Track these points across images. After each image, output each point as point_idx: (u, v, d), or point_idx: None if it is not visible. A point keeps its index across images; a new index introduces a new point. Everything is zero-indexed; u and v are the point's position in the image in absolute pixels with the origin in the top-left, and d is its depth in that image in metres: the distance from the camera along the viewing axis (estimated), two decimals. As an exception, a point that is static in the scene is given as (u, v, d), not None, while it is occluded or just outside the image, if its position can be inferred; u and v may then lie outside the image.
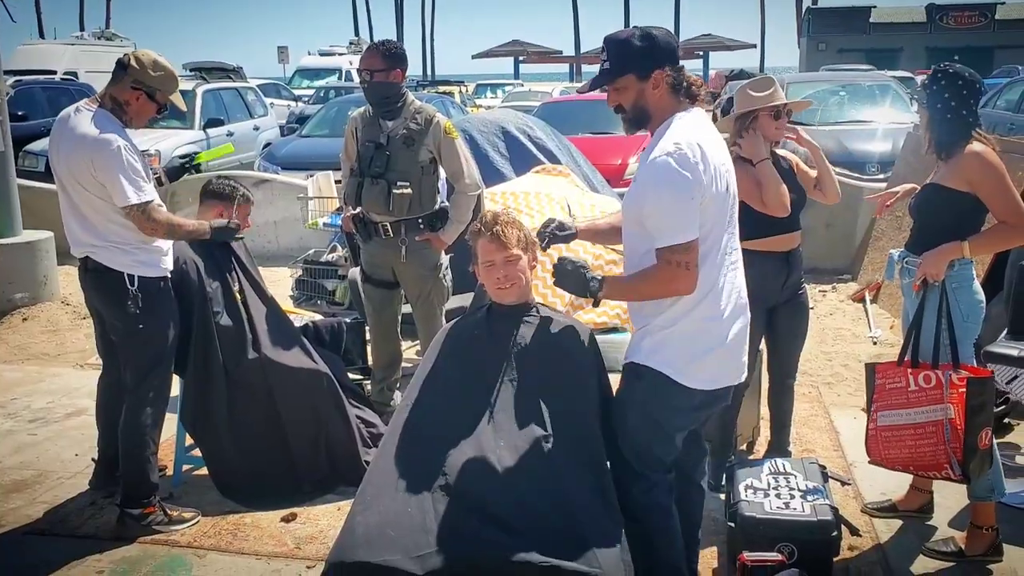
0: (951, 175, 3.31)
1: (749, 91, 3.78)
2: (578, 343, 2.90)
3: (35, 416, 5.07)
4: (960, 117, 3.30)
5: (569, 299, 5.85)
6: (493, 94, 28.99)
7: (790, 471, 3.60)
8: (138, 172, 3.62)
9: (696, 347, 2.64)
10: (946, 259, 3.26)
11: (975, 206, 3.28)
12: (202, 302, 3.95)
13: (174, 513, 3.78)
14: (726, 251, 2.67)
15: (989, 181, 3.23)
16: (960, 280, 3.35)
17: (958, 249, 3.24)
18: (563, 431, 2.69)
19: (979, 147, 3.27)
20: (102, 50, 22.01)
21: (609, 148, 10.31)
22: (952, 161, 3.30)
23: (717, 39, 55.66)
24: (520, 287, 2.88)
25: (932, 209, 3.37)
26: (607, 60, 2.68)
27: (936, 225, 3.32)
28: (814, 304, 7.27)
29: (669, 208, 2.49)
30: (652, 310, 2.66)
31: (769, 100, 3.72)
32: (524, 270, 2.89)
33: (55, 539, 3.68)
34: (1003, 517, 3.62)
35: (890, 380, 3.37)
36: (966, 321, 3.35)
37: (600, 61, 2.75)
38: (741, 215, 3.69)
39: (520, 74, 51.91)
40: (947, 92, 3.32)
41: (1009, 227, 3.24)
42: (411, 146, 4.37)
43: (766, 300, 3.81)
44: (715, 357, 2.67)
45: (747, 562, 3.19)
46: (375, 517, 2.50)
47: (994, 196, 3.24)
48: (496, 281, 2.86)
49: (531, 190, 6.34)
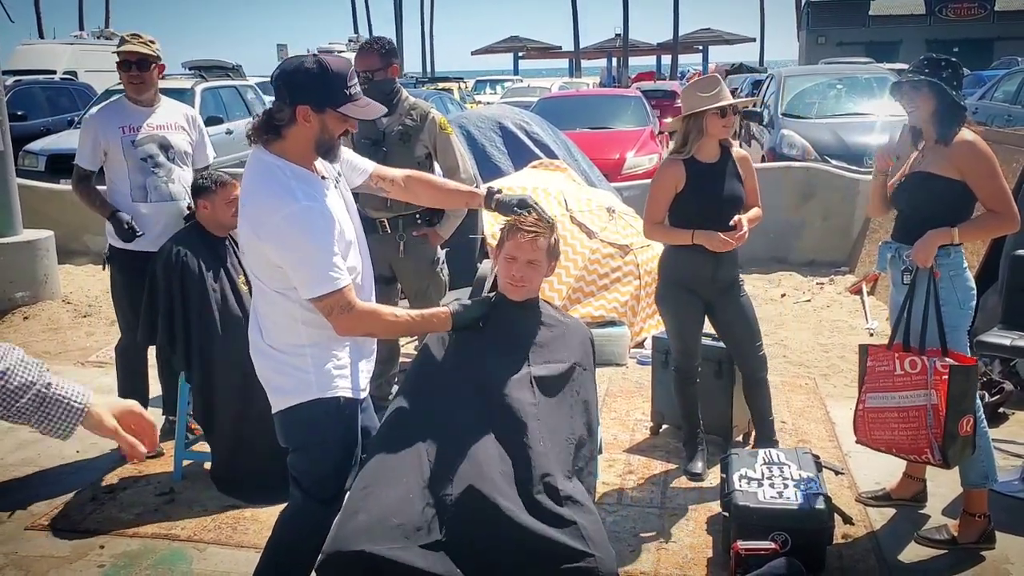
0: (942, 162, 3.32)
1: (696, 92, 3.88)
2: (576, 339, 2.94)
3: (37, 413, 5.10)
4: (955, 102, 3.30)
5: (567, 292, 5.90)
6: (492, 90, 29.03)
7: (784, 461, 3.63)
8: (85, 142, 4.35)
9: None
10: (936, 245, 3.28)
11: (964, 194, 3.30)
12: (201, 295, 3.98)
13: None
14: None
15: (981, 169, 3.26)
16: (956, 267, 3.37)
17: (948, 235, 3.27)
18: (558, 421, 2.72)
19: (971, 135, 3.30)
20: (101, 49, 22.04)
21: (607, 143, 10.35)
22: (943, 149, 3.32)
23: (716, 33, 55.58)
24: (530, 289, 2.92)
25: (922, 197, 3.39)
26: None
27: (925, 213, 3.34)
28: (811, 297, 7.32)
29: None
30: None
31: (715, 100, 3.83)
32: (540, 275, 2.92)
33: (56, 534, 3.72)
34: (997, 505, 3.66)
35: (880, 363, 3.40)
36: (963, 307, 3.37)
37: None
38: (676, 209, 3.96)
39: (520, 70, 51.91)
40: (944, 73, 3.31)
41: (998, 215, 3.27)
42: (407, 142, 4.39)
43: (698, 291, 4.04)
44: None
45: (740, 551, 3.24)
46: (376, 506, 2.50)
47: (985, 184, 3.26)
48: (511, 277, 2.89)
49: (528, 185, 6.38)
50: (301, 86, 2.55)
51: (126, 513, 3.87)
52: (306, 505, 2.71)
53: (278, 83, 2.59)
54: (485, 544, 2.46)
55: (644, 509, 3.87)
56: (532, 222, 2.87)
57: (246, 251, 2.67)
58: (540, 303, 2.99)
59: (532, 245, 2.85)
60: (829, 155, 9.46)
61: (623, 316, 5.94)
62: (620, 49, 49.53)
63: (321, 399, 2.66)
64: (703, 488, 4.05)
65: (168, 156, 4.45)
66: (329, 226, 2.57)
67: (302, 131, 2.58)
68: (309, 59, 2.58)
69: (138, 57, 4.38)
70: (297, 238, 2.51)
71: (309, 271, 2.53)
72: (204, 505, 3.93)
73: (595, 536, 2.45)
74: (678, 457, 4.35)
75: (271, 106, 2.63)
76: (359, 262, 2.74)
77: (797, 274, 8.00)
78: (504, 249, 2.89)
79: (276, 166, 2.59)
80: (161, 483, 4.15)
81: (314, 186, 2.61)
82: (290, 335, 2.66)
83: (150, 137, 4.41)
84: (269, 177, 2.58)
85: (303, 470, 2.73)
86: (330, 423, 2.69)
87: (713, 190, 3.95)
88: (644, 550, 3.55)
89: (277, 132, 2.59)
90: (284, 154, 2.60)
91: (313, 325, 2.64)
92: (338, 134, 2.63)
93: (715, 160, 3.98)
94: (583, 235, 6.11)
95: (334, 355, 2.69)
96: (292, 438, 2.72)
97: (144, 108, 4.45)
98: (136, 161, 4.38)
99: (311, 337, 2.66)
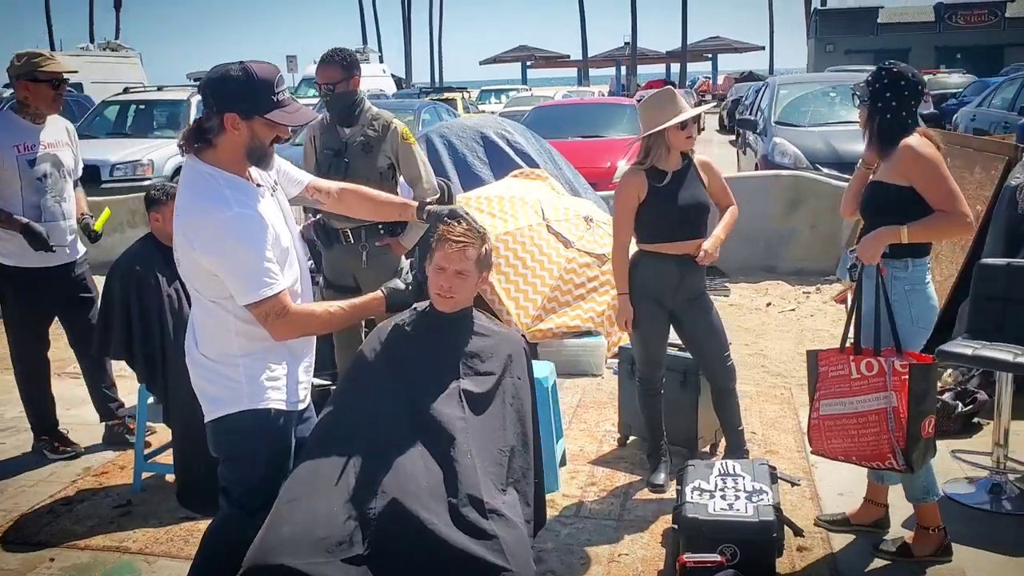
0: (889, 170, 3.33)
1: (653, 110, 3.90)
2: (509, 349, 2.90)
3: (7, 426, 5.12)
4: (900, 118, 3.31)
5: (542, 302, 5.87)
6: (497, 99, 29.09)
7: (739, 472, 3.58)
8: None
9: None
10: (882, 242, 3.25)
11: (915, 199, 3.26)
12: (160, 306, 3.98)
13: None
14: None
15: (921, 171, 3.24)
16: (913, 281, 3.33)
17: (895, 234, 3.23)
18: (488, 435, 2.69)
19: (913, 140, 3.28)
20: (108, 61, 22.21)
21: (598, 151, 10.33)
22: (889, 156, 3.31)
23: (725, 41, 55.59)
24: (459, 301, 2.88)
25: (874, 205, 3.37)
26: None
27: (880, 221, 3.31)
28: (796, 306, 7.26)
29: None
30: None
31: (673, 115, 3.84)
32: (470, 286, 2.89)
33: (7, 547, 3.71)
34: (962, 516, 3.61)
35: (833, 368, 3.34)
36: (915, 324, 3.33)
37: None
38: (641, 220, 3.97)
39: (528, 79, 52.03)
40: (889, 92, 3.33)
41: (946, 215, 3.24)
42: (369, 152, 4.38)
43: (661, 299, 4.03)
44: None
45: (687, 563, 3.19)
46: (300, 518, 2.49)
47: (929, 186, 3.24)
48: (439, 287, 2.86)
49: (505, 194, 6.37)
50: (228, 93, 2.54)
51: (80, 525, 3.86)
52: (232, 515, 2.70)
53: (205, 91, 2.58)
54: (407, 558, 2.44)
55: (601, 521, 3.83)
56: (461, 232, 2.84)
57: (181, 260, 2.66)
58: (473, 313, 2.96)
59: (461, 255, 2.83)
60: (821, 163, 9.41)
61: (599, 326, 5.90)
62: (628, 57, 49.62)
63: (251, 410, 2.65)
64: (663, 500, 4.00)
65: (61, 174, 4.43)
66: (263, 232, 2.55)
67: (231, 139, 2.57)
68: (235, 66, 2.57)
69: (66, 75, 4.39)
70: (230, 245, 2.50)
71: (243, 277, 2.52)
72: (160, 518, 3.92)
73: (516, 550, 2.42)
74: (643, 469, 4.31)
75: (200, 115, 2.63)
76: (296, 269, 2.73)
77: (785, 283, 7.94)
78: (433, 260, 2.87)
79: (208, 174, 2.58)
80: (120, 495, 4.14)
81: (248, 193, 2.60)
82: (223, 345, 2.65)
83: (45, 156, 4.36)
84: (201, 185, 2.57)
85: (231, 480, 2.71)
86: (260, 434, 2.67)
87: (677, 198, 3.94)
88: (595, 563, 3.50)
89: (208, 141, 2.59)
90: (217, 163, 2.59)
91: (247, 336, 2.62)
92: (269, 141, 2.62)
93: (678, 167, 3.97)
94: (559, 244, 6.08)
95: (268, 367, 2.68)
96: (222, 448, 2.71)
97: (36, 125, 4.38)
98: (31, 181, 4.31)
99: (244, 348, 2.64)
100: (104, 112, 14.23)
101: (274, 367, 2.68)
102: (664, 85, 40.45)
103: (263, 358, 2.67)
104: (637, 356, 4.20)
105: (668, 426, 4.27)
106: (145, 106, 13.95)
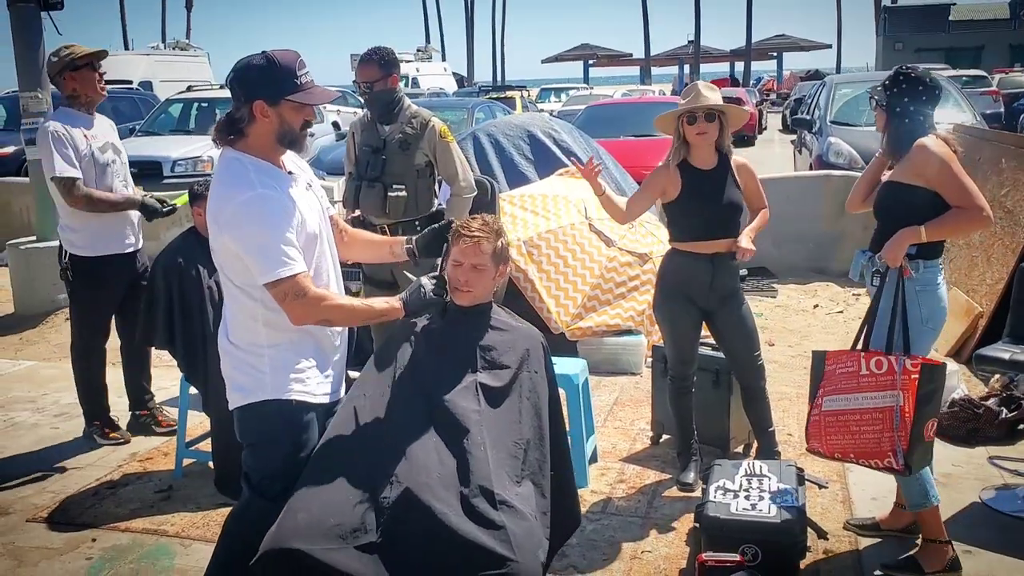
0: (902, 170, 3.31)
1: (679, 101, 3.98)
2: (526, 344, 2.94)
3: (61, 411, 5.31)
4: (917, 122, 3.30)
5: (582, 300, 5.89)
6: (557, 98, 29.06)
7: (766, 473, 3.58)
8: (67, 152, 4.31)
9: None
10: (903, 244, 3.23)
11: (930, 199, 3.24)
12: (201, 298, 4.09)
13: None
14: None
15: (935, 169, 3.23)
16: (924, 282, 3.30)
17: (915, 234, 3.21)
18: (503, 428, 2.73)
19: (929, 140, 3.26)
20: (176, 60, 22.75)
21: (648, 150, 10.30)
22: (903, 157, 3.30)
23: (791, 39, 54.68)
24: (476, 295, 2.93)
25: (888, 206, 3.36)
26: None
27: (895, 222, 3.28)
28: (844, 308, 7.16)
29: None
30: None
31: (685, 106, 3.88)
32: (487, 280, 2.94)
33: (53, 527, 3.86)
34: (988, 523, 3.54)
35: (841, 365, 3.31)
36: (924, 324, 3.30)
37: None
38: (673, 218, 4.03)
39: (590, 78, 51.86)
40: (907, 96, 3.32)
41: (963, 210, 3.22)
42: (407, 150, 4.45)
43: (694, 297, 4.03)
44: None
45: (706, 562, 3.20)
46: (317, 505, 2.55)
47: (944, 184, 3.23)
48: (457, 281, 2.92)
49: (548, 192, 6.40)
50: (253, 82, 2.62)
51: (122, 508, 4.00)
52: (253, 501, 2.78)
53: (232, 84, 2.66)
54: (417, 546, 2.49)
55: (627, 518, 3.85)
56: (476, 227, 2.89)
57: (213, 246, 2.73)
58: (493, 307, 3.01)
59: (476, 249, 2.87)
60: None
61: (639, 325, 5.90)
62: (692, 56, 49.12)
63: (274, 400, 2.72)
64: (691, 499, 3.99)
65: (121, 160, 4.66)
66: (285, 214, 2.61)
67: (262, 126, 2.65)
68: (257, 56, 2.66)
69: (98, 53, 4.54)
70: (251, 223, 2.57)
71: (261, 255, 2.58)
72: (198, 503, 4.04)
73: (523, 542, 2.46)
74: (674, 467, 4.30)
75: (230, 108, 2.71)
76: (328, 261, 2.80)
77: (835, 285, 7.83)
78: (450, 255, 2.92)
79: (236, 159, 2.67)
80: (162, 480, 4.28)
81: (275, 177, 2.67)
82: (250, 334, 2.73)
83: (106, 145, 4.57)
84: (228, 170, 2.67)
85: (253, 467, 2.80)
86: (281, 424, 2.74)
87: (708, 195, 3.96)
88: (618, 559, 3.52)
89: (240, 131, 2.67)
90: (248, 151, 2.67)
91: (274, 327, 2.70)
92: (299, 125, 2.69)
93: (711, 167, 3.97)
94: (601, 243, 6.09)
95: (293, 360, 2.74)
96: (245, 435, 2.80)
97: (91, 115, 4.59)
98: (103, 167, 4.52)
99: (271, 338, 2.72)
100: (168, 109, 14.59)
101: (300, 360, 2.75)
102: (728, 83, 39.74)
103: (289, 349, 2.74)
104: (668, 354, 4.21)
105: (700, 426, 4.26)
106: (207, 104, 14.26)
